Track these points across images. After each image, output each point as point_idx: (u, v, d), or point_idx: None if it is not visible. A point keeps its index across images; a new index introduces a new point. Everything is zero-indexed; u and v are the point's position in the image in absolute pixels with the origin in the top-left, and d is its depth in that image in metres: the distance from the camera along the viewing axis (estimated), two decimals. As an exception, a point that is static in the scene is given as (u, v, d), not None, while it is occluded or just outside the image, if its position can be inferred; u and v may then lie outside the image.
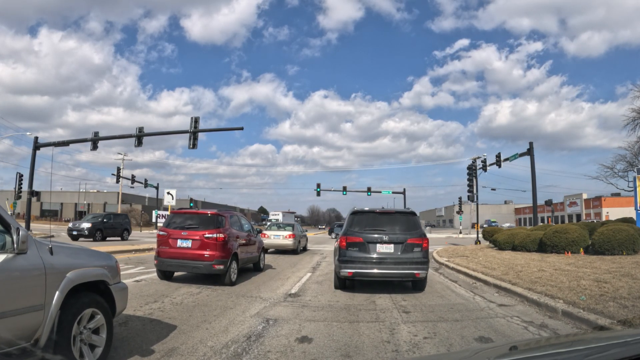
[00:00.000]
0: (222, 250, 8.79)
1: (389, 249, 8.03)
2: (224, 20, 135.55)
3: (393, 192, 53.49)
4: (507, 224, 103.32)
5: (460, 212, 49.70)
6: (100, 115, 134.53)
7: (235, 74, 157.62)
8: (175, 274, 9.66)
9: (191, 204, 54.23)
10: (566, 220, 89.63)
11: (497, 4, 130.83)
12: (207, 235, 8.81)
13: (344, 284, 8.40)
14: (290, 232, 18.92)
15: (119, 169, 46.66)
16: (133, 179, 50.36)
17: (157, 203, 61.95)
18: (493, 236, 20.06)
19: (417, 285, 8.43)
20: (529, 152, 28.74)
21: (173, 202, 20.82)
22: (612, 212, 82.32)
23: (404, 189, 52.24)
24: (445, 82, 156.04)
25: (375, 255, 7.97)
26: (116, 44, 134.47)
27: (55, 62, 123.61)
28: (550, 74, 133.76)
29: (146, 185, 52.28)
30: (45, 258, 3.18)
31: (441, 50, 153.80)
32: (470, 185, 25.17)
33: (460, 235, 47.75)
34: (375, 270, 7.93)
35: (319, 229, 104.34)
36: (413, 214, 8.70)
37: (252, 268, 11.29)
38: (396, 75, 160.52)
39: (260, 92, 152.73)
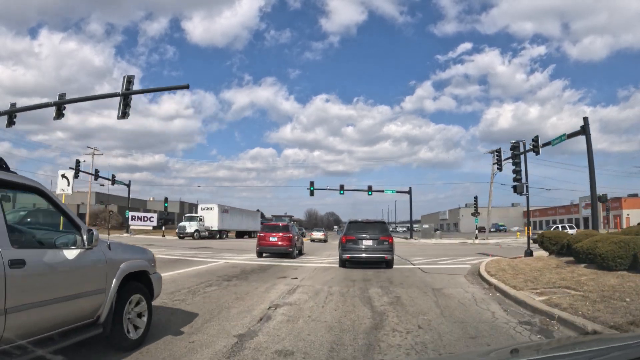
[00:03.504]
0: (290, 242, 17.58)
1: (369, 242, 13.21)
2: (226, 22, 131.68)
3: (397, 192, 45.88)
4: (516, 228, 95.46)
5: (476, 213, 41.86)
6: (100, 118, 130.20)
7: (237, 77, 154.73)
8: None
9: (165, 204, 46.94)
10: (581, 224, 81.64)
11: (500, 8, 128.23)
12: (283, 235, 17.62)
13: (344, 264, 13.30)
14: (323, 232, 41.99)
15: (77, 162, 38.81)
16: (97, 175, 42.78)
17: (131, 202, 54.40)
18: (574, 245, 12.17)
19: (387, 264, 13.17)
20: (584, 130, 20.72)
21: (69, 191, 13.73)
22: (633, 214, 74.81)
23: (410, 188, 44.62)
24: (448, 86, 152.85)
25: (362, 246, 13.20)
26: (117, 46, 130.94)
27: (55, 64, 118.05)
28: (553, 78, 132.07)
29: (114, 182, 44.64)
30: (105, 252, 3.95)
31: (444, 55, 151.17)
32: (516, 171, 17.41)
33: (477, 241, 39.76)
34: (362, 255, 13.12)
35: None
36: (384, 222, 15.15)
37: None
38: (398, 79, 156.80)
39: (262, 96, 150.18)
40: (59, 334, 3.31)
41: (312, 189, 44.45)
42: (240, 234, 49.16)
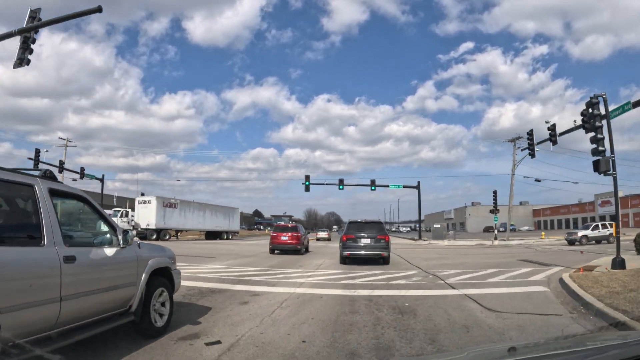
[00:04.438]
0: (299, 240, 19.99)
1: (367, 241, 14.20)
2: (227, 22, 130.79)
3: (404, 187, 40.39)
4: (526, 228, 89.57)
5: (495, 211, 36.02)
6: (101, 118, 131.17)
7: (238, 77, 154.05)
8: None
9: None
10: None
11: (502, 7, 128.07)
12: (293, 234, 20.10)
13: (345, 260, 14.28)
14: (327, 232, 50.08)
15: (37, 152, 33.23)
16: (62, 167, 36.98)
17: (118, 201, 48.91)
18: None
19: (384, 260, 14.14)
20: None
21: None
22: (654, 213, 69.09)
23: (418, 182, 38.96)
24: (450, 85, 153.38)
25: (361, 244, 14.16)
26: (118, 46, 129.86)
27: (56, 64, 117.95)
28: (555, 78, 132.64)
29: (83, 175, 38.91)
30: (136, 251, 4.43)
31: (445, 54, 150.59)
32: (597, 140, 11.60)
33: (497, 242, 33.97)
34: (361, 252, 14.07)
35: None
36: (381, 222, 16.04)
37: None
38: (400, 79, 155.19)
39: (263, 96, 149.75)
40: (97, 321, 3.78)
41: (307, 183, 38.85)
42: (213, 235, 42.19)
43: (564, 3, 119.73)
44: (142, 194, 39.63)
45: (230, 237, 44.73)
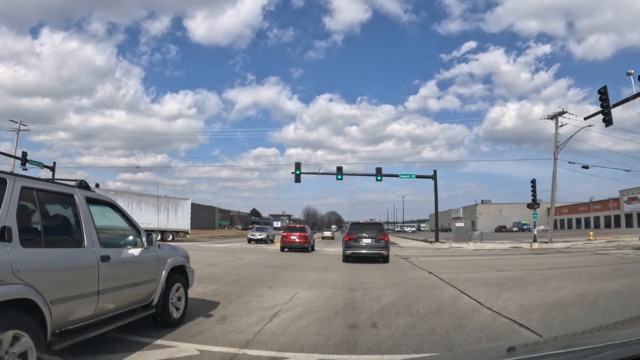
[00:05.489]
0: (306, 239, 22.79)
1: (368, 240, 15.24)
2: (229, 21, 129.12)
3: (417, 176, 34.01)
4: (542, 227, 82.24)
5: (535, 206, 28.50)
6: (102, 118, 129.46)
7: (240, 76, 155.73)
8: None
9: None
10: (622, 222, 68.32)
11: (505, 6, 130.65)
12: (301, 234, 22.86)
13: (347, 259, 15.50)
14: (331, 232, 59.15)
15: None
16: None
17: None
18: None
19: (384, 259, 15.25)
20: None
21: None
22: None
23: (435, 171, 33.09)
24: (452, 85, 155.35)
25: (362, 244, 15.23)
26: (119, 45, 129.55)
27: (56, 64, 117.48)
28: (558, 77, 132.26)
29: (25, 161, 31.59)
30: (157, 251, 4.98)
31: (448, 54, 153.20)
32: None
33: (537, 245, 26.75)
34: (363, 251, 15.19)
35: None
36: (380, 223, 17.94)
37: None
38: (402, 79, 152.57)
39: (265, 95, 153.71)
40: (125, 313, 4.29)
41: (297, 172, 31.63)
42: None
43: (566, 2, 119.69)
44: (97, 185, 32.23)
45: (171, 238, 34.15)
